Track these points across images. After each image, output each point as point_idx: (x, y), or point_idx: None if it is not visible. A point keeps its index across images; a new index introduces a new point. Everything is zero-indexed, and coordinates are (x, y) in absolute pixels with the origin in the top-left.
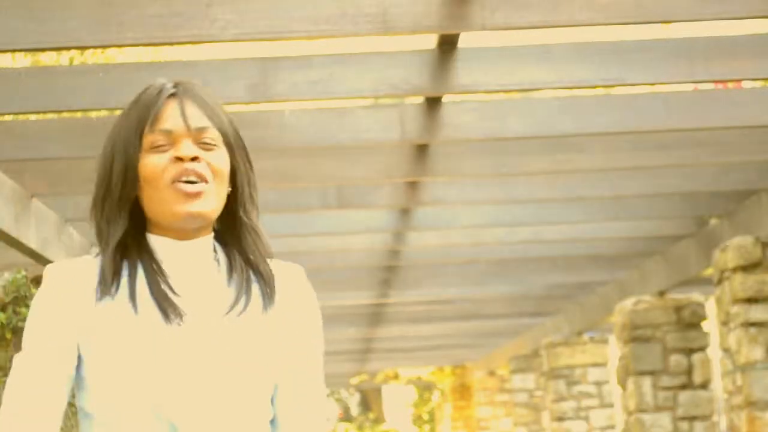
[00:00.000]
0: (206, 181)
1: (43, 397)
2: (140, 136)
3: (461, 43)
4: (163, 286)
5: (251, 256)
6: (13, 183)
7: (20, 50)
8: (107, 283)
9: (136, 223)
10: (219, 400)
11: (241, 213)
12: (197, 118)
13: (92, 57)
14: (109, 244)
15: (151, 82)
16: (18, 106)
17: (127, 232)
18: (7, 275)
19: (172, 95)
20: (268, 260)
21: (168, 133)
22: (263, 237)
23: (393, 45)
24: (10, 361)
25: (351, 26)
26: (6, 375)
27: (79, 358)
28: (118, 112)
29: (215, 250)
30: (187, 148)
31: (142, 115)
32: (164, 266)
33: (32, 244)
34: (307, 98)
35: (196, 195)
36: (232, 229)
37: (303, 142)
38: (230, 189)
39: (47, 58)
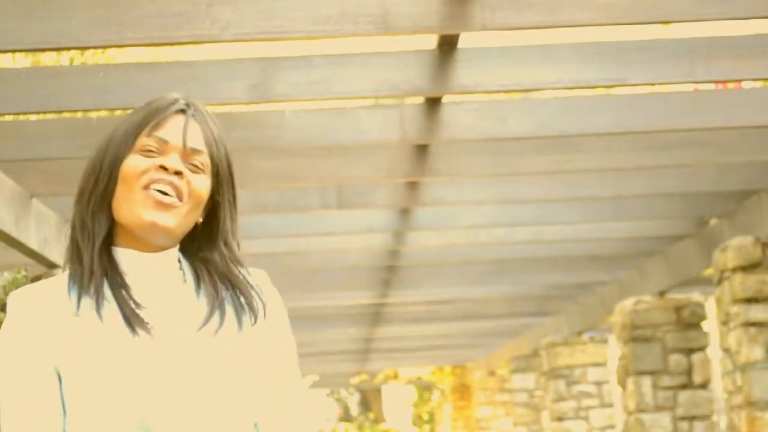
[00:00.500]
0: (181, 199)
1: (44, 426)
2: (136, 137)
3: (461, 44)
4: (128, 299)
5: (228, 275)
6: (13, 183)
7: (20, 50)
8: (92, 276)
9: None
10: (199, 414)
11: (223, 247)
12: (196, 139)
13: (92, 57)
14: (95, 239)
15: (166, 94)
16: (18, 106)
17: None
18: (7, 275)
19: (182, 111)
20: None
21: (163, 142)
22: (243, 265)
23: (393, 45)
24: None
25: (351, 26)
26: None
27: (59, 378)
28: (118, 113)
29: (179, 261)
30: (174, 161)
31: (145, 119)
32: (128, 279)
33: (32, 244)
34: (307, 98)
35: (166, 207)
36: (212, 258)
37: (303, 142)
38: (200, 220)
39: (47, 59)
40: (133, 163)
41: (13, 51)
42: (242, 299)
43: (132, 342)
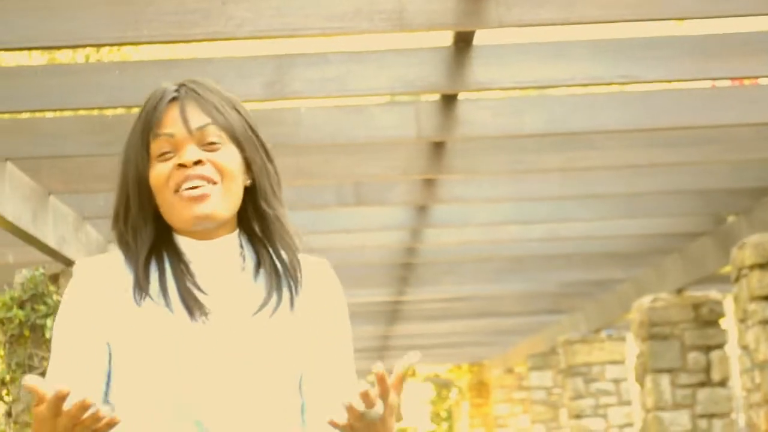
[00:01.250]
0: (213, 183)
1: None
2: (147, 145)
3: (477, 41)
4: (190, 285)
5: (281, 250)
6: (31, 181)
7: (36, 48)
8: (142, 290)
9: (162, 224)
10: (244, 397)
11: (264, 206)
12: (198, 118)
13: (108, 55)
14: (139, 255)
15: (158, 86)
16: (35, 103)
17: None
18: (25, 272)
19: (174, 99)
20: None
21: (170, 137)
22: (289, 228)
23: (409, 42)
24: (29, 358)
25: (367, 23)
26: (25, 372)
27: (109, 353)
28: (134, 110)
29: (242, 246)
30: (189, 152)
31: (145, 123)
32: (192, 266)
33: (50, 241)
34: (323, 96)
35: (201, 198)
36: (258, 223)
37: (319, 140)
38: (250, 182)
39: (63, 56)
40: (155, 173)
41: (29, 49)
42: (292, 281)
43: (188, 327)
